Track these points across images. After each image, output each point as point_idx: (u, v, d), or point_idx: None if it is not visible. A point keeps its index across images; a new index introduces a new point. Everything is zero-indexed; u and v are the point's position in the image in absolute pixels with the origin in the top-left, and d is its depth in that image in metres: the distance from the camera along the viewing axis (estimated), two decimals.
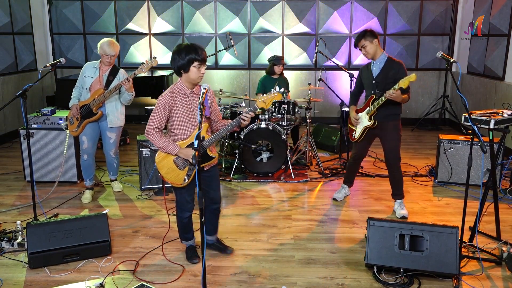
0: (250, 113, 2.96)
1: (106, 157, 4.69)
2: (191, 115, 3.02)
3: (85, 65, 4.50)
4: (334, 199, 4.58)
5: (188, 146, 3.01)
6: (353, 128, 4.29)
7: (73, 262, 3.32)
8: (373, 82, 4.08)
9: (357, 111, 4.24)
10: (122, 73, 4.46)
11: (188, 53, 2.86)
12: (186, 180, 3.05)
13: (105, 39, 4.33)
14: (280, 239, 3.74)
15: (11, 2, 7.04)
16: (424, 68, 8.09)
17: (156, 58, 4.38)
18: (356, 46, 4.10)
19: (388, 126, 4.09)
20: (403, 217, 4.11)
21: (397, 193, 4.25)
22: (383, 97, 3.89)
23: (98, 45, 4.33)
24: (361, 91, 4.34)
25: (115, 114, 4.48)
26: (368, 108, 4.09)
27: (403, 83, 3.74)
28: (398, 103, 4.02)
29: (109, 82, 4.37)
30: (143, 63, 4.27)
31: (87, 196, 4.56)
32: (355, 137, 4.26)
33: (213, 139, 3.01)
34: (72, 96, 4.46)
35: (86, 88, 4.39)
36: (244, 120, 2.95)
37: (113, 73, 4.41)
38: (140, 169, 4.79)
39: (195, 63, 2.88)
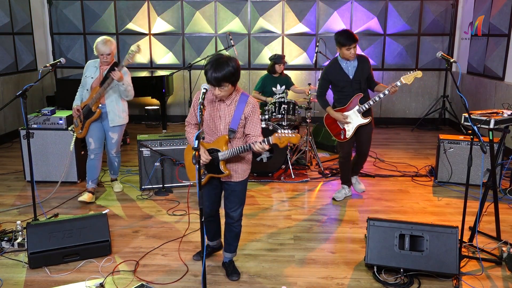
0: (264, 144, 2.69)
1: (108, 155, 4.68)
2: (211, 122, 2.86)
3: (87, 63, 4.45)
4: (334, 199, 4.58)
5: (208, 150, 2.88)
6: (340, 127, 4.33)
7: (73, 262, 3.32)
8: (352, 81, 4.17)
9: (339, 111, 4.31)
10: (123, 71, 4.32)
11: (205, 71, 2.68)
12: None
13: (99, 38, 4.21)
14: (280, 239, 3.74)
15: (11, 2, 7.04)
16: (424, 68, 8.09)
17: (139, 46, 4.21)
18: (354, 41, 4.05)
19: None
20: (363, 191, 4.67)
21: (357, 171, 4.69)
22: (381, 94, 4.04)
23: (94, 46, 4.23)
24: (327, 91, 4.40)
25: (116, 112, 4.40)
26: (358, 107, 4.20)
27: (408, 79, 3.81)
28: None
29: (106, 79, 4.26)
30: (129, 53, 4.10)
31: (85, 197, 4.43)
32: (347, 136, 4.31)
33: (226, 154, 2.82)
34: (75, 97, 4.44)
35: (87, 90, 4.36)
36: (256, 150, 2.73)
37: (112, 70, 4.25)
38: (140, 169, 4.79)
39: (209, 83, 2.72)
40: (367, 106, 4.14)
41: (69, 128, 4.76)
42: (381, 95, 4.03)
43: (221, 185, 3.05)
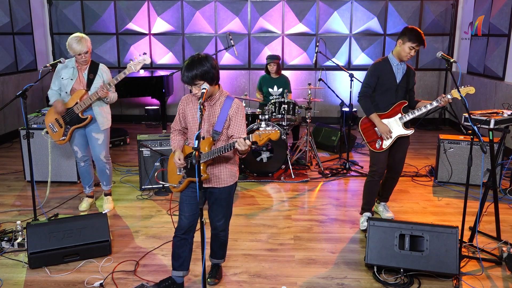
0: (247, 141, 2.50)
1: (97, 164, 4.22)
2: (195, 124, 2.77)
3: (59, 65, 4.03)
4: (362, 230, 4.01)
5: (187, 155, 2.82)
6: (377, 135, 3.81)
7: (73, 262, 3.32)
8: (398, 85, 3.76)
9: (379, 116, 3.80)
10: (104, 69, 4.08)
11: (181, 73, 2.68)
12: (177, 187, 2.87)
13: (71, 36, 3.86)
14: (280, 239, 3.74)
15: (11, 2, 7.04)
16: (424, 68, 8.09)
17: (146, 54, 3.94)
18: (422, 44, 3.64)
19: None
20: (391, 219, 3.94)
21: (387, 196, 4.17)
22: (428, 105, 3.65)
23: (67, 45, 3.87)
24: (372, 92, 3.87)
25: (103, 114, 4.09)
26: (400, 115, 3.77)
27: (458, 93, 3.38)
28: None
29: (90, 81, 3.97)
30: (131, 60, 3.91)
31: (84, 205, 4.31)
32: (384, 147, 3.78)
33: (207, 155, 2.67)
34: (50, 96, 4.02)
35: (66, 92, 3.98)
36: (238, 148, 2.53)
37: (93, 70, 4.00)
38: (140, 169, 4.79)
39: (184, 83, 2.69)
40: (410, 115, 3.74)
41: (43, 133, 4.21)
42: (429, 106, 3.65)
43: (204, 194, 2.85)
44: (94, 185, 4.51)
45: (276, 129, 2.47)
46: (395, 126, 3.79)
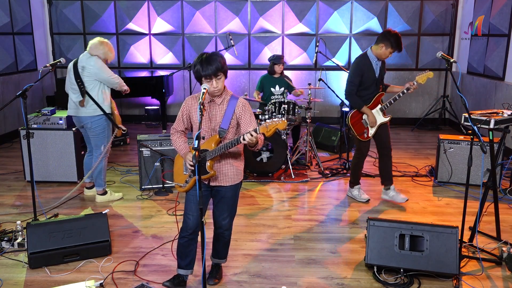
0: (250, 134, 2.53)
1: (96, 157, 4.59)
2: (204, 123, 2.78)
3: (106, 66, 4.43)
4: (363, 200, 4.57)
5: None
6: (364, 126, 4.31)
7: (73, 262, 3.32)
8: (377, 79, 4.26)
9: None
10: None
11: (196, 70, 2.64)
12: (183, 186, 2.87)
13: (101, 41, 4.35)
14: (280, 239, 3.74)
15: (11, 2, 7.04)
16: (424, 68, 8.04)
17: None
18: (400, 51, 4.23)
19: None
20: (406, 200, 4.43)
21: (389, 177, 4.47)
22: (400, 93, 4.17)
23: (102, 47, 4.31)
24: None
25: None
26: (380, 105, 4.28)
27: (422, 79, 4.06)
28: None
29: None
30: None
31: (119, 194, 4.68)
32: (370, 135, 4.32)
33: (214, 151, 2.70)
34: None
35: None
36: (244, 141, 2.57)
37: None
38: (140, 169, 4.79)
39: (203, 79, 2.66)
40: (388, 105, 4.23)
41: (123, 129, 4.54)
42: (401, 94, 4.17)
43: (210, 192, 2.89)
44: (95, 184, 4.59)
45: (283, 119, 2.52)
46: (377, 116, 4.29)
